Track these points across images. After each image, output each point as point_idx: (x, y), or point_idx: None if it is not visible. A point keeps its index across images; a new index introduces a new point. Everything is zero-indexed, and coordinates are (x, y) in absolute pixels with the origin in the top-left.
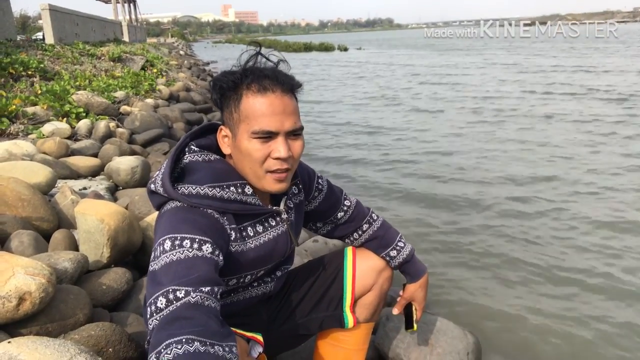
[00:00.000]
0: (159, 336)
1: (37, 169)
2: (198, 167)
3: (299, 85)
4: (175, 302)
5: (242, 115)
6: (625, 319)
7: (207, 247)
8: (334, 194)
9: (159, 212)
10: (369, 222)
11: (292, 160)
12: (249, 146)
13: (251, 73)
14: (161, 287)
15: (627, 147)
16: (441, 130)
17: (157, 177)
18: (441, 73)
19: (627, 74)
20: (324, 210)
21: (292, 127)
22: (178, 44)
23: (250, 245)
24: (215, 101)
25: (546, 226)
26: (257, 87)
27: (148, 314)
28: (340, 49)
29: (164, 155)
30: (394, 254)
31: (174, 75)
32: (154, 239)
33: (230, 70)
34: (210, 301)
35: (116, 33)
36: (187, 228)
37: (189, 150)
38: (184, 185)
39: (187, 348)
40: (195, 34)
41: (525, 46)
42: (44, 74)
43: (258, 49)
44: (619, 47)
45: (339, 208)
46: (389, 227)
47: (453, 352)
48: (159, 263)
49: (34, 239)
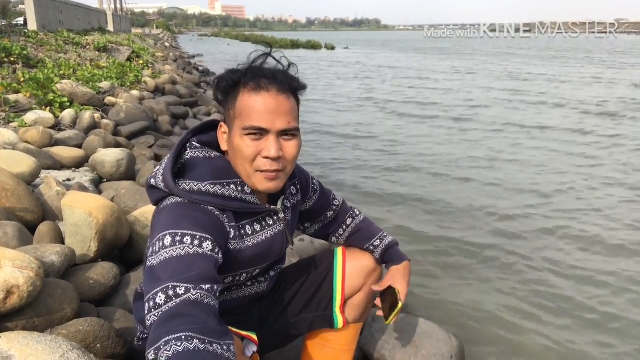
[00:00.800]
0: (158, 332)
1: (20, 158)
2: (199, 164)
3: (302, 87)
4: (174, 299)
5: (236, 112)
6: (614, 318)
7: (208, 244)
8: (325, 193)
9: (157, 207)
10: (352, 217)
11: (285, 161)
12: (240, 143)
13: (251, 72)
14: (160, 283)
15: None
16: (428, 136)
17: (157, 172)
18: (430, 77)
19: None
20: (316, 209)
21: (285, 127)
22: (164, 36)
23: (248, 243)
24: (217, 98)
25: (532, 230)
26: (253, 85)
27: (146, 309)
28: (327, 47)
29: (149, 149)
30: (377, 243)
31: (160, 67)
32: (151, 234)
33: (234, 69)
34: (210, 299)
35: (101, 22)
36: (188, 224)
37: (190, 146)
38: (185, 181)
39: (186, 345)
40: (181, 26)
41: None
42: (27, 61)
43: (269, 50)
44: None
45: (329, 207)
46: (372, 222)
47: (437, 354)
48: (157, 258)
49: (19, 231)
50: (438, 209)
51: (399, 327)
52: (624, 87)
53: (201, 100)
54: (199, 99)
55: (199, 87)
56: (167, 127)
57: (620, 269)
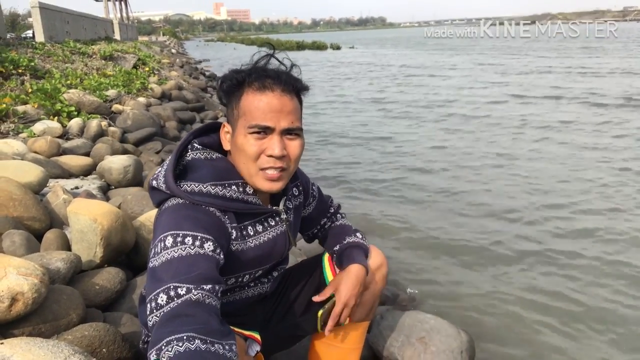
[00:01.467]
0: (159, 333)
1: (28, 168)
2: (200, 165)
3: (305, 89)
4: (176, 299)
5: (240, 111)
6: (624, 310)
7: (209, 245)
8: (323, 202)
9: (158, 209)
10: (332, 221)
11: (288, 160)
12: (244, 141)
13: (255, 72)
14: (162, 284)
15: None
16: (441, 134)
17: (159, 174)
18: (439, 74)
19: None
20: (313, 217)
21: (289, 126)
22: (170, 43)
23: (250, 244)
24: (221, 98)
25: (541, 223)
26: (257, 85)
27: (148, 310)
28: (332, 47)
29: (156, 155)
30: (337, 249)
31: (166, 73)
32: (153, 236)
33: (238, 69)
34: (211, 299)
35: (107, 31)
36: (190, 225)
37: (191, 148)
38: (186, 183)
39: (188, 346)
40: (187, 32)
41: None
42: (34, 72)
43: (272, 51)
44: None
45: (324, 215)
46: (345, 225)
47: (447, 350)
48: (159, 259)
49: (26, 239)
50: (450, 206)
51: (408, 324)
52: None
53: (208, 104)
54: (206, 104)
55: (206, 92)
56: (174, 133)
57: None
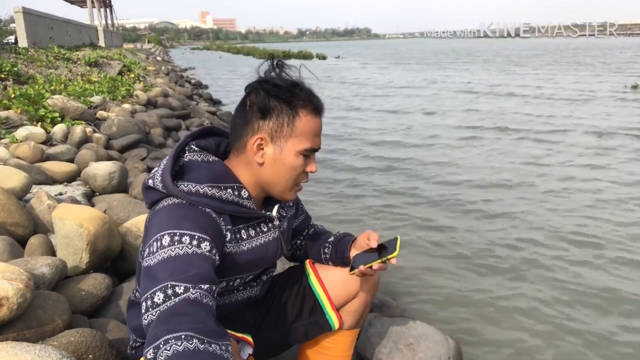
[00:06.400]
0: (157, 331)
1: (11, 173)
2: (197, 167)
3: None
4: (173, 298)
5: (295, 131)
6: (607, 321)
7: (206, 245)
8: (308, 216)
9: (152, 208)
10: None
11: None
12: (295, 161)
13: (302, 91)
14: (158, 282)
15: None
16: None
17: (155, 173)
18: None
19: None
20: (301, 229)
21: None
22: (155, 50)
23: (243, 247)
24: (261, 108)
25: (528, 228)
26: (312, 107)
27: (143, 308)
28: (318, 57)
29: (141, 161)
30: (331, 239)
31: (152, 80)
32: (145, 236)
33: (276, 81)
34: (208, 299)
35: (92, 38)
36: (188, 224)
37: (189, 150)
38: (183, 183)
39: (186, 345)
40: (172, 40)
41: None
42: (17, 77)
43: (295, 65)
44: None
45: (307, 226)
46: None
47: (435, 356)
48: (155, 258)
49: (9, 245)
50: (436, 213)
51: (396, 330)
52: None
53: (193, 112)
54: (192, 111)
55: (191, 99)
56: (160, 140)
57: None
